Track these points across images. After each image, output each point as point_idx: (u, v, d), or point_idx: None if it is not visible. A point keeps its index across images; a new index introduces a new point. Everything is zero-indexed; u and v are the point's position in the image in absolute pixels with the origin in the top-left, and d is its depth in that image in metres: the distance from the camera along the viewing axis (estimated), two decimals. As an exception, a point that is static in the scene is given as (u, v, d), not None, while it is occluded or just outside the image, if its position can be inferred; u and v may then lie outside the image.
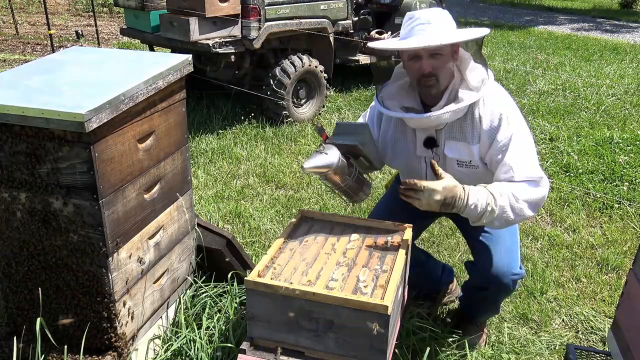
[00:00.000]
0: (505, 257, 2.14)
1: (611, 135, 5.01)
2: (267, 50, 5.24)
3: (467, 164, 2.08)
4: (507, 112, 2.01)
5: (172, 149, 2.13)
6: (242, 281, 2.13)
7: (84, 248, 1.80)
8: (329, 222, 2.15)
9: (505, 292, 2.25)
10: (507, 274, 2.12)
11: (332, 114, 5.75)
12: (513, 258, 2.15)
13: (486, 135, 2.01)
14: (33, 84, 1.82)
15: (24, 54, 8.27)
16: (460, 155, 2.07)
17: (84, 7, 12.17)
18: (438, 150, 2.11)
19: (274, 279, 1.77)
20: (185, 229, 2.30)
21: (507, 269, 2.12)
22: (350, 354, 1.72)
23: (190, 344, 2.11)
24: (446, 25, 1.99)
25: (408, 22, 2.01)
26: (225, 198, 3.87)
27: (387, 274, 1.81)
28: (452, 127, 2.07)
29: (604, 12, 15.71)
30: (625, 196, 3.92)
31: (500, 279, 2.12)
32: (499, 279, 2.12)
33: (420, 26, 1.97)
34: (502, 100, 2.05)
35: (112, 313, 1.88)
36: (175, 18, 4.91)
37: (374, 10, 6.51)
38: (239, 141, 4.95)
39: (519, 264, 2.17)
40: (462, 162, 2.08)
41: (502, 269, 2.12)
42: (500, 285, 2.14)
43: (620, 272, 3.07)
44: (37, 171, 1.74)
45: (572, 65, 8.26)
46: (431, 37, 1.94)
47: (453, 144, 2.08)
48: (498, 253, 2.15)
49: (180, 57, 2.10)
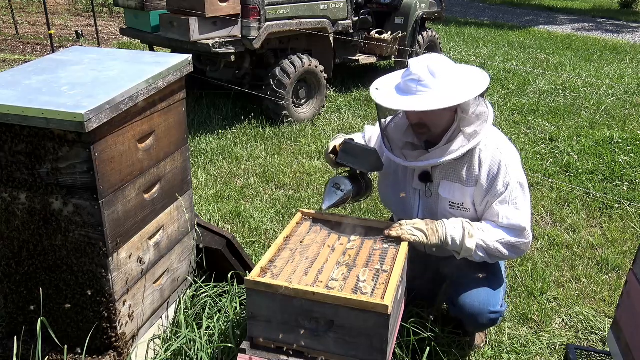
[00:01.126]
0: (484, 295, 2.12)
1: (611, 135, 5.01)
2: (267, 50, 5.24)
3: (459, 206, 2.11)
4: (506, 160, 2.03)
5: (172, 149, 2.13)
6: (242, 281, 2.13)
7: (84, 248, 1.80)
8: (329, 222, 2.15)
9: (483, 328, 2.24)
10: (483, 312, 2.10)
11: (332, 114, 5.75)
12: (492, 296, 2.13)
13: (484, 180, 2.04)
14: (33, 84, 1.82)
15: (24, 54, 8.27)
16: (453, 196, 2.11)
17: (84, 7, 12.17)
18: (431, 186, 2.14)
19: (274, 279, 1.77)
20: (185, 229, 2.30)
21: (484, 307, 2.10)
22: (350, 354, 1.72)
23: (190, 344, 2.11)
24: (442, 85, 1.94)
25: (406, 75, 1.99)
26: (225, 198, 3.87)
27: (387, 274, 1.81)
28: (447, 167, 2.10)
29: (604, 12, 15.72)
30: (625, 196, 3.92)
31: (476, 317, 2.11)
32: (474, 317, 2.11)
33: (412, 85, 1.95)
34: (502, 147, 2.07)
35: (112, 313, 1.88)
36: (175, 18, 4.91)
37: (374, 10, 6.51)
38: (239, 141, 4.95)
39: (499, 302, 2.14)
40: (454, 204, 2.12)
41: (479, 307, 2.10)
42: (476, 323, 2.14)
43: (620, 272, 3.07)
44: (37, 171, 1.74)
45: (572, 65, 8.26)
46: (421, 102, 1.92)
47: (447, 185, 2.11)
48: (476, 290, 2.13)
49: (180, 57, 2.10)
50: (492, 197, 2.04)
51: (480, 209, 2.09)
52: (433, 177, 2.13)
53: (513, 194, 2.02)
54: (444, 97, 1.92)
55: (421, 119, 2.02)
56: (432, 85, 1.93)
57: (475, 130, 2.01)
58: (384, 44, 6.33)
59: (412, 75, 1.95)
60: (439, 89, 1.93)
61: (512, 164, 2.04)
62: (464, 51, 9.15)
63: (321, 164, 4.50)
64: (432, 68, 1.94)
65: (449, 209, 2.13)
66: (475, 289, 2.14)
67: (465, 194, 2.09)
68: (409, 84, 1.96)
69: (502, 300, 2.16)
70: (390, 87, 2.05)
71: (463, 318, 2.16)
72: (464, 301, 2.12)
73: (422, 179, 2.15)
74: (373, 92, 2.05)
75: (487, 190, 2.04)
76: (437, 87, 1.93)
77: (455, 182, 2.09)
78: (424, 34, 6.83)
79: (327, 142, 4.89)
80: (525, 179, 2.08)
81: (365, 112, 5.85)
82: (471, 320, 2.13)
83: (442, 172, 2.11)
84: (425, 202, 2.19)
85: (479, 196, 2.07)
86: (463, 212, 2.11)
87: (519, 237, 2.03)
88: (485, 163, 2.04)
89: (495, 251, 2.02)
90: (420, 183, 2.16)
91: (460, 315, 2.16)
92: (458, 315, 2.18)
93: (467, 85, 1.99)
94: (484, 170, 2.04)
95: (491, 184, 2.03)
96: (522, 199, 2.04)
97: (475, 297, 2.12)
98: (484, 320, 2.11)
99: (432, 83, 1.93)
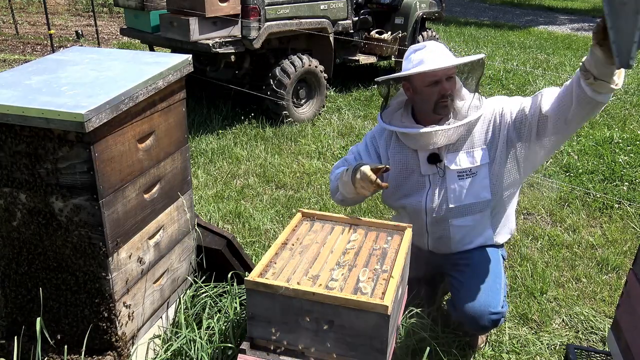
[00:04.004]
0: (484, 296, 2.12)
1: (611, 135, 5.01)
2: (267, 50, 5.24)
3: (468, 172, 2.17)
4: (492, 100, 2.21)
5: (172, 149, 2.13)
6: (242, 281, 2.13)
7: (84, 248, 1.80)
8: (329, 222, 2.15)
9: (484, 330, 2.22)
10: (484, 314, 2.09)
11: (332, 114, 5.75)
12: (493, 297, 2.13)
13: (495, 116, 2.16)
14: (33, 84, 1.82)
15: (24, 54, 8.27)
16: (460, 165, 2.16)
17: (84, 7, 12.17)
18: (441, 164, 2.19)
19: (274, 279, 1.77)
20: (185, 229, 2.30)
21: (484, 308, 2.10)
22: (350, 354, 1.72)
23: (190, 344, 2.11)
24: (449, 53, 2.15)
25: (419, 51, 2.12)
26: (225, 198, 3.87)
27: (387, 274, 1.81)
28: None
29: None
30: (625, 196, 3.92)
31: (477, 319, 2.10)
32: (475, 319, 2.11)
33: (431, 54, 2.09)
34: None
35: (112, 313, 1.88)
36: (175, 18, 4.91)
37: (374, 10, 6.51)
38: (239, 141, 4.95)
39: (500, 303, 2.13)
40: (462, 172, 2.17)
41: (480, 309, 2.10)
42: (477, 325, 2.13)
43: (620, 272, 3.07)
44: (37, 171, 1.74)
45: (572, 65, 8.25)
46: (448, 59, 2.09)
47: (452, 156, 2.17)
48: (476, 292, 2.14)
49: (180, 57, 2.10)
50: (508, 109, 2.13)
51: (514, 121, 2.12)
52: (441, 156, 2.18)
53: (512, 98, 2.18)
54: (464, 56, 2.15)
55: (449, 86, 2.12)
56: (443, 50, 2.13)
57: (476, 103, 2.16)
58: (384, 44, 6.33)
59: (424, 49, 2.11)
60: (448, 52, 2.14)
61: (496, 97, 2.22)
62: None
63: (321, 164, 4.50)
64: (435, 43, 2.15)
65: (458, 179, 2.17)
66: (475, 290, 2.14)
67: (473, 155, 2.16)
68: (429, 51, 2.10)
69: (503, 300, 2.16)
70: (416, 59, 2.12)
71: (464, 321, 2.16)
72: (464, 303, 2.12)
73: (432, 161, 2.19)
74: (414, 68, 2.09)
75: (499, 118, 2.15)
76: (446, 51, 2.13)
77: (458, 151, 2.17)
78: (424, 34, 6.83)
79: (327, 142, 4.92)
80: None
81: (365, 112, 5.85)
82: (472, 322, 2.12)
83: (445, 148, 2.18)
84: (435, 185, 2.21)
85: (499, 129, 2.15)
86: (471, 177, 2.17)
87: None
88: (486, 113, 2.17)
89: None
90: (429, 166, 2.20)
91: (462, 318, 2.15)
92: (460, 318, 2.17)
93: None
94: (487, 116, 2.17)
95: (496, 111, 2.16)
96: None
97: (476, 298, 2.12)
98: (485, 321, 2.10)
99: (441, 49, 2.14)
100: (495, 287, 2.16)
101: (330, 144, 4.92)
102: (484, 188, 2.17)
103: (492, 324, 2.13)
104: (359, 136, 5.12)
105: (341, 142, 4.98)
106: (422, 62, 2.08)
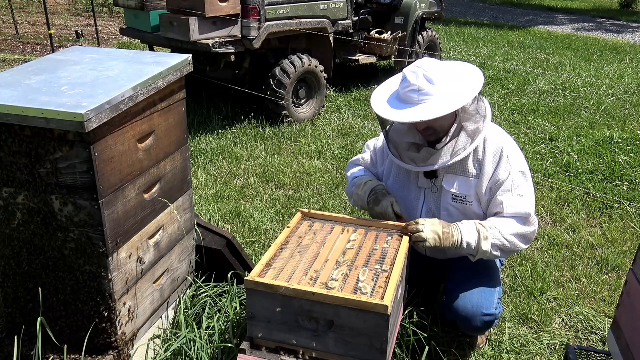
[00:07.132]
0: (477, 298, 2.12)
1: (611, 135, 5.01)
2: (267, 50, 5.24)
3: (462, 199, 2.15)
4: (508, 150, 2.09)
5: (172, 149, 2.13)
6: (242, 281, 2.13)
7: (84, 248, 1.80)
8: (329, 222, 2.15)
9: (477, 332, 2.22)
10: (476, 315, 2.09)
11: (332, 114, 5.75)
12: (486, 298, 2.13)
13: (489, 169, 2.09)
14: (33, 84, 1.82)
15: (24, 54, 8.27)
16: (457, 189, 2.14)
17: (84, 7, 12.17)
18: (437, 181, 2.18)
19: (274, 279, 1.77)
20: (186, 229, 2.29)
21: (477, 310, 2.09)
22: (350, 354, 1.72)
23: (190, 344, 2.11)
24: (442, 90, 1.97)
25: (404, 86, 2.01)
26: (225, 198, 3.87)
27: (387, 274, 1.81)
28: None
29: (604, 12, 15.72)
30: (625, 196, 3.92)
31: (469, 321, 2.10)
32: (468, 320, 2.11)
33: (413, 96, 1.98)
34: (504, 139, 2.12)
35: (112, 313, 1.88)
36: (175, 18, 4.91)
37: (374, 10, 6.51)
38: (239, 141, 4.95)
39: (494, 304, 2.13)
40: (457, 196, 2.15)
41: (472, 310, 2.09)
42: (469, 326, 2.13)
43: (620, 272, 3.07)
44: (37, 171, 1.74)
45: (572, 65, 8.26)
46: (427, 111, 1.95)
47: (451, 178, 2.15)
48: (470, 293, 2.13)
49: (180, 57, 2.10)
50: (495, 186, 2.08)
51: (484, 200, 2.12)
52: (438, 173, 2.17)
53: (515, 182, 2.06)
54: (448, 101, 1.95)
55: (429, 125, 2.06)
56: (433, 92, 1.97)
57: (477, 128, 2.06)
58: (384, 44, 6.33)
59: (411, 86, 1.98)
60: (440, 94, 1.97)
61: (514, 153, 2.10)
62: (464, 51, 9.15)
63: (321, 164, 4.50)
64: (428, 75, 1.97)
65: (452, 202, 2.15)
66: (468, 291, 2.14)
67: (469, 186, 2.12)
68: (410, 94, 1.99)
69: (497, 302, 2.16)
70: (392, 99, 2.08)
71: (457, 322, 2.16)
72: (457, 304, 2.12)
73: (428, 176, 2.19)
74: (377, 108, 2.08)
75: (490, 179, 2.08)
76: (438, 93, 1.97)
77: (458, 175, 2.14)
78: (424, 34, 6.84)
79: (327, 142, 4.92)
80: (527, 167, 2.12)
81: (365, 112, 5.85)
82: (465, 323, 2.12)
83: (446, 167, 2.13)
84: (429, 200, 2.21)
85: (483, 186, 2.10)
86: (465, 205, 2.14)
87: (525, 224, 2.06)
88: (488, 154, 2.09)
89: (509, 245, 2.04)
90: (426, 181, 2.20)
91: (455, 319, 2.15)
92: (453, 319, 2.17)
93: (465, 84, 2.02)
94: (487, 161, 2.09)
95: (494, 174, 2.08)
96: (525, 186, 2.08)
97: (469, 299, 2.11)
98: (478, 323, 2.10)
99: (432, 90, 1.97)
100: (490, 289, 2.16)
101: (330, 144, 4.92)
102: (479, 217, 2.15)
103: (484, 326, 2.13)
104: (359, 136, 5.13)
105: (341, 142, 4.97)
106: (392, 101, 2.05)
